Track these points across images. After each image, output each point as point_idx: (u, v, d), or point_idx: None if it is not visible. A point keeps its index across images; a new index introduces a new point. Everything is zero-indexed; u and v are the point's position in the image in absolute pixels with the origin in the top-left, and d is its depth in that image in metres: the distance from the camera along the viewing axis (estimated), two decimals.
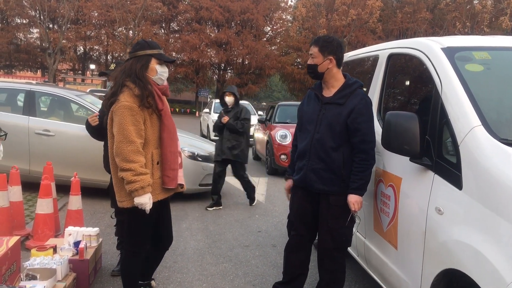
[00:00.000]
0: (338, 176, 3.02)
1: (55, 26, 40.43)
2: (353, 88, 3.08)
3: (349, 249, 3.81)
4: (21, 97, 6.94)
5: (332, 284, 3.21)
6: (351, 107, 2.99)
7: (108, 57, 45.26)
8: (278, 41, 44.42)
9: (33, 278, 3.10)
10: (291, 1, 45.28)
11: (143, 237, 3.04)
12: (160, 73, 2.95)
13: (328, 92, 3.14)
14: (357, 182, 2.98)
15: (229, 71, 45.16)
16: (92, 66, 43.27)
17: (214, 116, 16.11)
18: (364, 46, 5.42)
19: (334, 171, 3.02)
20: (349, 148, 3.03)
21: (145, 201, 2.77)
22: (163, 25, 44.11)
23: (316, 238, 3.29)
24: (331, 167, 3.02)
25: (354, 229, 3.62)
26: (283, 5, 44.05)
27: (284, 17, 44.92)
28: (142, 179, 2.74)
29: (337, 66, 3.11)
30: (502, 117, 2.43)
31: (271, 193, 7.86)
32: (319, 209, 3.12)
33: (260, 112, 19.92)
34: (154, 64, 2.92)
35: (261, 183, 8.76)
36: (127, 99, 2.76)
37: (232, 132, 6.44)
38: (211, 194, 6.64)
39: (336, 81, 3.13)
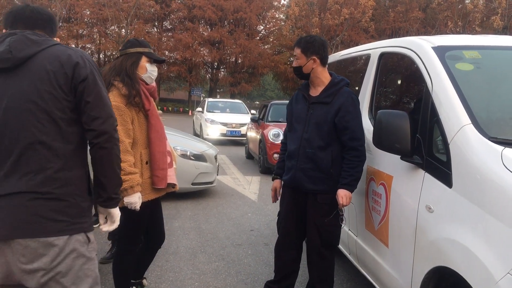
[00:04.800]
0: (327, 175, 3.03)
1: None
2: (339, 86, 3.10)
3: (340, 247, 3.83)
4: None
5: (322, 282, 3.22)
6: (338, 105, 3.01)
7: (101, 56, 45.04)
8: (271, 40, 44.45)
9: None
10: (284, 0, 45.33)
11: (135, 235, 3.04)
12: (149, 71, 2.96)
13: (315, 92, 3.16)
14: (347, 178, 2.98)
15: (222, 70, 45.09)
16: None
17: (207, 115, 16.13)
18: (356, 45, 5.43)
19: (322, 170, 3.03)
20: (338, 147, 3.05)
21: (135, 200, 2.77)
22: (156, 23, 43.92)
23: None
24: (319, 167, 3.03)
25: (345, 228, 3.64)
26: (276, 4, 44.08)
27: (277, 16, 44.94)
28: (131, 179, 2.73)
29: (321, 65, 3.12)
30: (491, 116, 2.45)
31: (264, 192, 7.87)
32: (307, 207, 3.13)
33: (253, 111, 19.93)
34: (144, 62, 2.93)
35: (253, 182, 8.77)
36: (114, 98, 2.76)
37: None
38: None
39: (322, 80, 3.14)
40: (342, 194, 2.97)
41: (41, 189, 1.73)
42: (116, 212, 2.02)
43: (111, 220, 2.03)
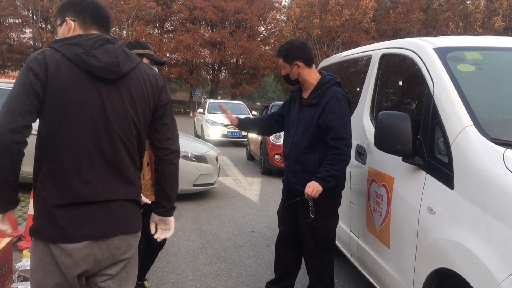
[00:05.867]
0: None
1: (48, 26, 40.22)
2: (326, 86, 3.08)
3: (342, 248, 3.83)
4: None
5: (321, 284, 3.22)
6: (322, 106, 3.00)
7: None
8: (272, 41, 44.38)
9: (25, 279, 3.09)
10: (285, 1, 45.31)
11: None
12: None
13: (306, 94, 3.18)
14: (323, 173, 2.93)
15: (223, 71, 45.12)
16: None
17: (209, 116, 16.13)
18: (357, 46, 5.45)
19: (310, 172, 3.01)
20: (326, 149, 3.01)
21: None
22: (157, 25, 43.97)
23: None
24: (307, 169, 3.03)
25: (347, 229, 3.63)
26: (277, 5, 44.06)
27: (278, 17, 44.89)
28: None
29: (307, 67, 3.11)
30: (493, 117, 2.45)
31: (265, 193, 7.86)
32: (299, 209, 3.13)
33: (254, 112, 19.92)
34: None
35: (255, 183, 8.76)
36: None
37: None
38: None
39: (311, 81, 3.14)
40: (311, 184, 2.92)
41: (131, 197, 1.88)
42: (173, 219, 2.13)
43: (167, 228, 2.13)
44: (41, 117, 1.72)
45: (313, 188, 2.90)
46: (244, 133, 14.94)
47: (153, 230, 2.13)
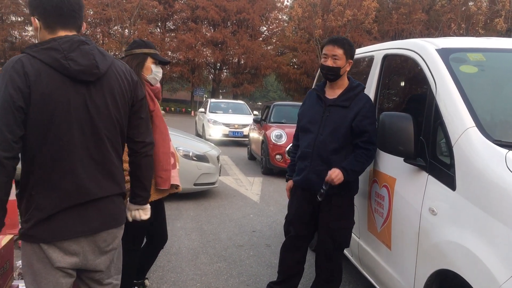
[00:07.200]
0: None
1: None
2: (357, 91, 3.09)
3: None
4: None
5: (329, 283, 3.22)
6: (357, 110, 2.99)
7: None
8: (274, 41, 44.39)
9: None
10: (287, 1, 45.26)
11: (138, 236, 3.04)
12: (154, 72, 2.95)
13: (332, 94, 3.14)
14: (349, 166, 2.93)
15: (225, 70, 45.06)
16: None
17: (210, 116, 16.13)
18: (359, 46, 5.48)
19: None
20: (351, 150, 3.02)
21: None
22: (159, 24, 43.94)
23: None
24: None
25: None
26: (279, 5, 44.02)
27: (280, 17, 44.86)
28: None
29: (349, 69, 3.15)
30: (495, 119, 2.44)
31: (266, 193, 7.86)
32: (320, 210, 3.10)
33: (255, 112, 19.92)
34: (149, 63, 2.93)
35: (256, 183, 8.76)
36: None
37: None
38: None
39: (343, 83, 3.14)
40: (337, 171, 2.90)
41: (119, 191, 1.98)
42: (149, 205, 2.30)
43: (145, 213, 2.29)
44: (26, 127, 1.70)
45: (337, 174, 2.89)
46: (245, 132, 14.95)
47: (130, 218, 2.24)
